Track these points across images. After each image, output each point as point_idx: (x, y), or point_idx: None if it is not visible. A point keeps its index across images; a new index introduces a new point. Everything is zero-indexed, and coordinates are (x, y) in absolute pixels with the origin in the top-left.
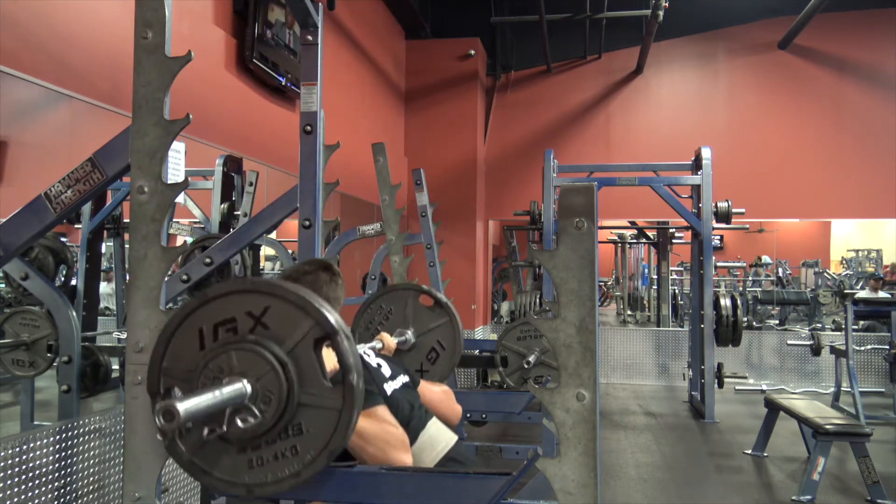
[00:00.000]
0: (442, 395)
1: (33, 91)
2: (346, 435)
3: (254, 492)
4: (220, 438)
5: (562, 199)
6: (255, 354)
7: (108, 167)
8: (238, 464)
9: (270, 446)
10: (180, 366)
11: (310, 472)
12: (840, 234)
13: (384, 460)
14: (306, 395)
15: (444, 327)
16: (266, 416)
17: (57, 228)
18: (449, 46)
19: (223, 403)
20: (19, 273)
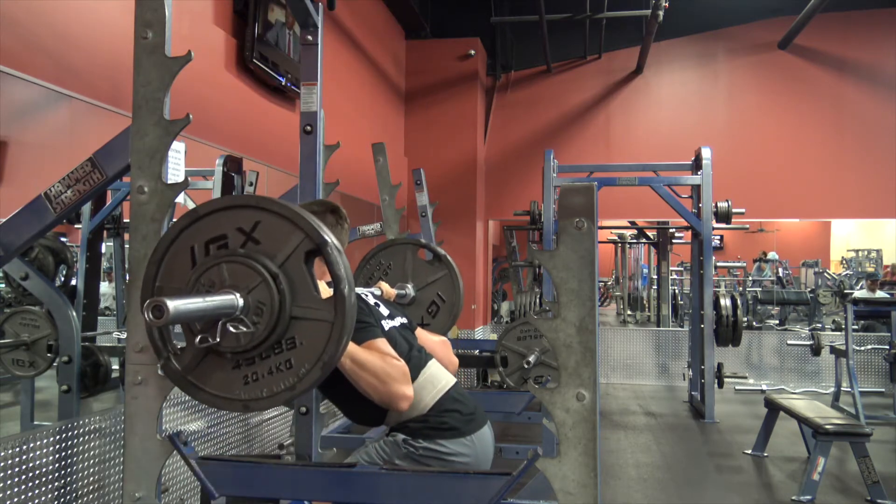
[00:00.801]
0: (440, 344)
1: (33, 91)
2: (339, 347)
3: (249, 407)
4: (214, 355)
5: (562, 199)
6: (245, 267)
7: (108, 167)
8: (233, 380)
9: (264, 361)
10: (172, 284)
11: (304, 385)
12: (840, 234)
13: (386, 393)
14: (298, 308)
15: (444, 280)
16: (259, 327)
17: (57, 228)
18: (449, 46)
19: (214, 310)
20: (19, 273)
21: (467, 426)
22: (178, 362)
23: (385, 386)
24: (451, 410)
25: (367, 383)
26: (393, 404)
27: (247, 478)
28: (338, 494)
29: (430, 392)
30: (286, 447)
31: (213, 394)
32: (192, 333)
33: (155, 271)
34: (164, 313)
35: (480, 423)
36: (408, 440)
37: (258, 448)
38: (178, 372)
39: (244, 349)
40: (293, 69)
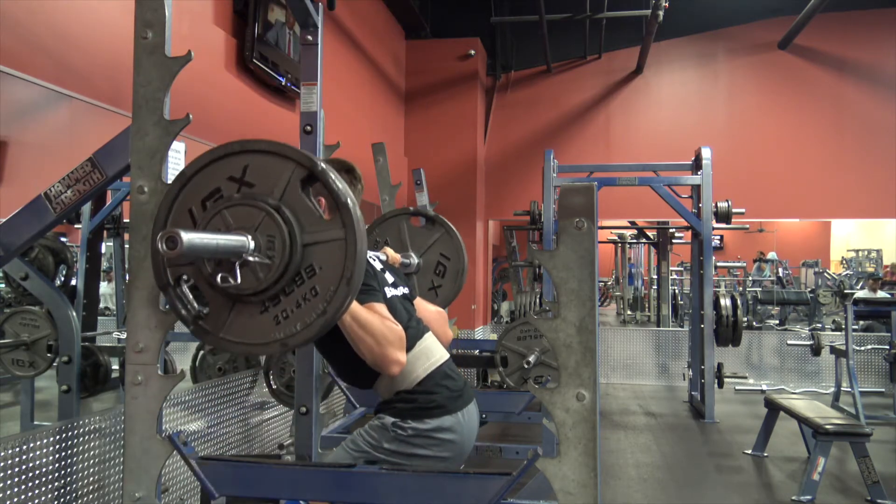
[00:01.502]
0: (436, 315)
1: (33, 91)
2: (357, 260)
3: (288, 344)
4: (240, 305)
5: (562, 199)
6: (246, 207)
7: (108, 167)
8: (265, 324)
9: (290, 296)
10: None
11: (335, 307)
12: (840, 234)
13: (381, 355)
14: (308, 235)
15: (443, 239)
16: (275, 260)
17: (57, 228)
18: (449, 46)
19: (226, 247)
20: (19, 273)
21: (455, 403)
22: (208, 324)
23: (380, 348)
24: (440, 385)
25: (364, 343)
26: (385, 367)
27: (247, 478)
28: (338, 494)
29: (423, 364)
30: (286, 447)
31: (249, 343)
32: (212, 288)
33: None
34: (177, 244)
35: (467, 400)
36: (396, 422)
37: (258, 448)
38: (210, 332)
39: (266, 287)
40: (293, 69)
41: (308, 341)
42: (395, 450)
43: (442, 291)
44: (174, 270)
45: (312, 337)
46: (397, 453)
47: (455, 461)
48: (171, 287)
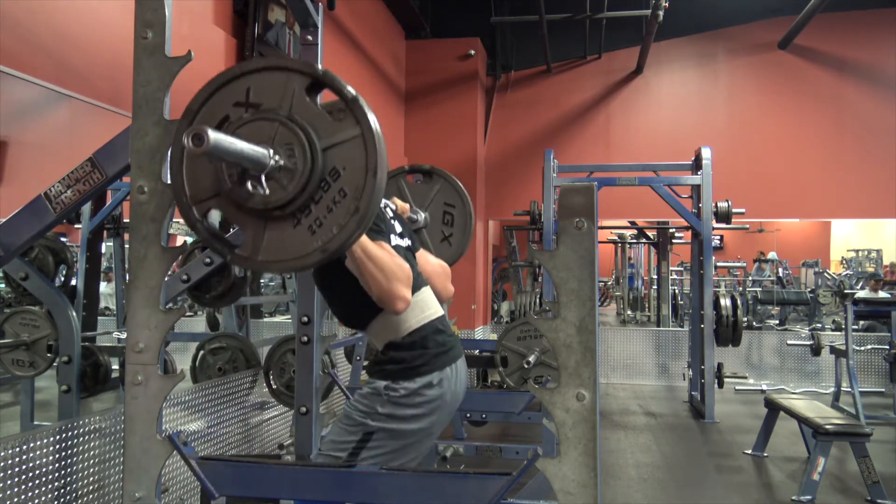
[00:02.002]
0: (438, 268)
1: (33, 91)
2: (378, 151)
3: (328, 249)
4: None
5: (562, 199)
6: (258, 123)
7: (108, 167)
8: (300, 237)
9: (319, 203)
10: (203, 184)
11: (366, 202)
12: (840, 234)
13: (388, 290)
14: (325, 140)
15: (444, 189)
16: (298, 166)
17: (57, 228)
18: (449, 46)
19: (250, 155)
20: (19, 273)
21: (442, 358)
22: (244, 251)
23: (388, 283)
24: (431, 340)
25: (371, 276)
26: (391, 303)
27: (247, 478)
28: (338, 494)
29: (417, 316)
30: (286, 447)
31: (289, 259)
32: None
33: (181, 185)
34: (204, 141)
35: (455, 356)
36: (389, 385)
37: (258, 448)
38: (249, 258)
39: (294, 196)
40: None
41: (346, 243)
42: (389, 413)
43: (455, 240)
44: (200, 207)
45: (350, 238)
46: (392, 417)
47: (443, 418)
48: (201, 222)
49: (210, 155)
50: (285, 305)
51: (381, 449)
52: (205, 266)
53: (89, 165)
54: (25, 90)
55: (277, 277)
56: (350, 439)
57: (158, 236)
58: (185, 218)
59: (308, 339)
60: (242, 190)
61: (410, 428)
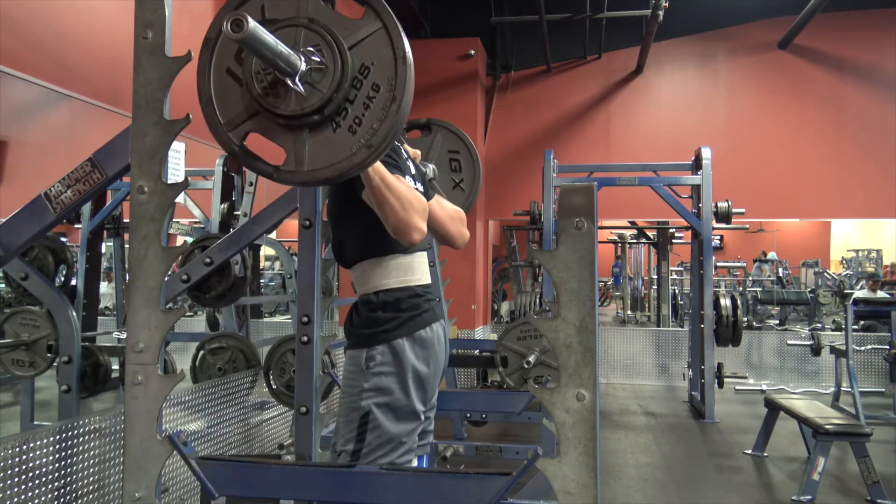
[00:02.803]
0: (453, 212)
1: (33, 91)
2: (402, 38)
3: (373, 144)
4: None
5: (562, 199)
6: (282, 31)
7: (108, 167)
8: (342, 139)
9: (355, 102)
10: (236, 108)
11: (401, 89)
12: (840, 234)
13: (405, 218)
14: (349, 39)
15: (445, 136)
16: (328, 63)
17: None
18: (449, 46)
19: (282, 52)
20: (19, 273)
21: (416, 321)
22: (289, 165)
23: (406, 213)
24: (405, 301)
25: (389, 205)
26: (406, 232)
27: (247, 478)
28: (338, 494)
29: (399, 277)
30: (286, 447)
31: (336, 163)
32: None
33: (214, 113)
34: (242, 27)
35: (431, 319)
36: (367, 355)
37: (258, 448)
38: (296, 171)
39: (330, 97)
40: None
41: (390, 136)
42: (375, 386)
43: (466, 184)
44: (237, 132)
45: (392, 128)
46: (379, 389)
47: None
48: (240, 146)
49: (246, 43)
50: (285, 305)
51: (383, 425)
52: (205, 266)
53: (89, 165)
54: (25, 90)
55: (277, 278)
56: (351, 428)
57: (158, 236)
58: (223, 145)
59: (308, 339)
60: (278, 95)
61: (400, 396)
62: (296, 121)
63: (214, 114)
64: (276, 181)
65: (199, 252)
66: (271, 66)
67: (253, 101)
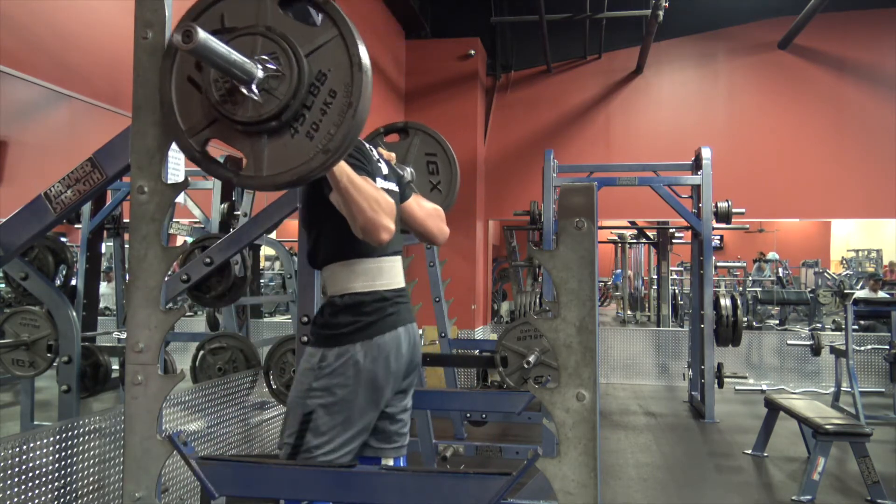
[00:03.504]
0: (432, 210)
1: (33, 91)
2: (359, 45)
3: (330, 148)
4: (269, 138)
5: (562, 199)
6: (240, 39)
7: (108, 167)
8: (300, 144)
9: (312, 108)
10: (197, 115)
11: (357, 93)
12: (840, 234)
13: (372, 219)
14: (305, 46)
15: (421, 139)
16: (285, 70)
17: (57, 228)
18: (449, 46)
19: (237, 60)
20: (19, 273)
21: (378, 325)
22: (248, 170)
23: (373, 213)
24: (369, 305)
25: (356, 205)
26: (374, 232)
27: (247, 478)
28: (337, 494)
29: (366, 282)
30: None
31: (294, 168)
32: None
33: (174, 120)
34: (192, 38)
35: (395, 323)
36: (322, 355)
37: (258, 448)
38: (254, 176)
39: (287, 103)
40: None
41: (346, 142)
42: (324, 387)
43: (443, 186)
44: (198, 138)
45: (349, 134)
46: (327, 390)
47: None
48: (201, 153)
49: (197, 53)
50: (285, 305)
51: (324, 427)
52: (205, 266)
53: (89, 165)
54: (25, 90)
55: (277, 278)
56: (295, 423)
57: (158, 236)
58: (185, 151)
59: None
60: (236, 102)
61: (346, 399)
62: (254, 127)
63: (176, 121)
64: (237, 185)
65: (199, 252)
66: (227, 75)
67: (212, 109)
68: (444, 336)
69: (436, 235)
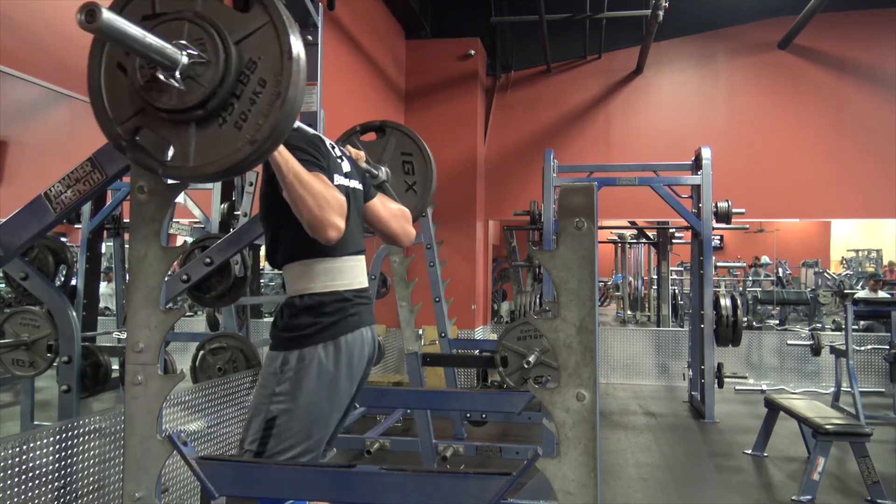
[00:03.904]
0: (397, 211)
1: (33, 91)
2: (290, 32)
3: (257, 140)
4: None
5: (562, 199)
6: (167, 24)
7: (108, 167)
8: (228, 134)
9: (241, 97)
10: (125, 103)
11: (287, 85)
12: (840, 234)
13: (319, 217)
14: (235, 33)
15: (398, 139)
16: (212, 57)
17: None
18: (449, 46)
19: (151, 45)
20: (19, 273)
21: (340, 325)
22: (176, 161)
23: (321, 210)
24: (330, 306)
25: (302, 201)
26: (322, 229)
27: (247, 478)
28: (338, 494)
29: (327, 281)
30: None
31: (220, 159)
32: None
33: (102, 106)
34: (96, 17)
35: (355, 325)
36: (284, 358)
37: None
38: (181, 167)
39: (214, 90)
40: None
41: (275, 133)
42: (286, 391)
43: (418, 187)
44: (125, 127)
45: (277, 125)
46: (289, 395)
47: (344, 387)
48: (129, 141)
49: (105, 34)
50: None
51: (287, 432)
52: (205, 266)
53: (89, 165)
54: (25, 90)
55: (277, 278)
56: (258, 428)
57: (158, 236)
58: (111, 139)
59: None
60: (161, 89)
61: (309, 403)
62: (179, 115)
63: (103, 108)
64: (163, 176)
65: (199, 252)
66: (146, 59)
67: (137, 96)
68: (444, 336)
69: (400, 237)
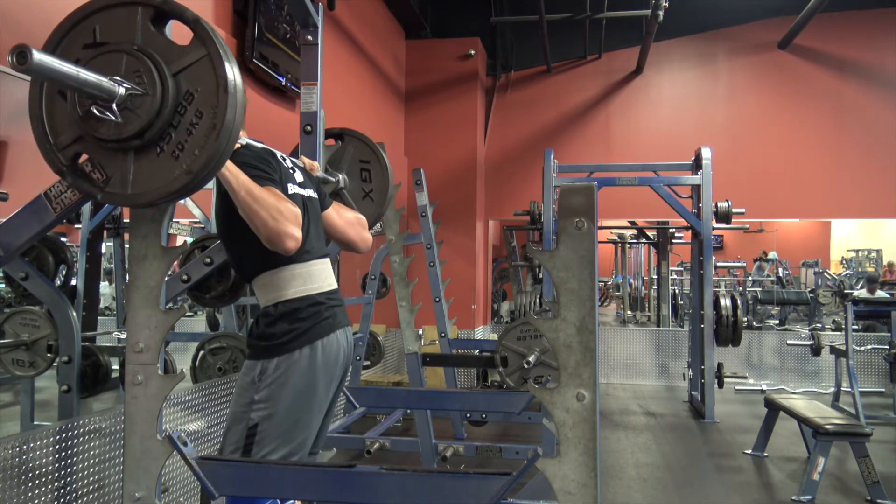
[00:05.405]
0: (353, 219)
1: None
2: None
3: (192, 170)
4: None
5: (562, 199)
6: (105, 57)
7: None
8: (165, 164)
9: (178, 128)
10: (65, 129)
11: (222, 115)
12: (840, 234)
13: (275, 229)
14: (174, 65)
15: (356, 147)
16: (149, 89)
17: (57, 228)
18: (449, 46)
19: (86, 81)
20: (19, 273)
21: (316, 329)
22: (114, 188)
23: (276, 223)
24: (304, 311)
25: (257, 216)
26: (280, 243)
27: (247, 478)
28: (338, 494)
29: (297, 287)
30: None
31: (160, 187)
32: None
33: (43, 132)
34: (27, 59)
35: (329, 328)
36: (262, 367)
37: None
38: (119, 194)
39: (151, 121)
40: (293, 69)
41: (211, 164)
42: (265, 398)
43: (375, 195)
44: (65, 153)
45: (214, 156)
46: (269, 401)
47: (322, 389)
48: (68, 167)
49: (37, 74)
50: None
51: (269, 439)
52: (205, 266)
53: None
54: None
55: None
56: (239, 438)
57: (158, 236)
58: (51, 164)
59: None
60: (95, 120)
61: (290, 408)
62: (118, 144)
63: (45, 134)
64: (101, 202)
65: (199, 252)
66: (82, 94)
67: (77, 125)
68: (444, 336)
69: (357, 244)
